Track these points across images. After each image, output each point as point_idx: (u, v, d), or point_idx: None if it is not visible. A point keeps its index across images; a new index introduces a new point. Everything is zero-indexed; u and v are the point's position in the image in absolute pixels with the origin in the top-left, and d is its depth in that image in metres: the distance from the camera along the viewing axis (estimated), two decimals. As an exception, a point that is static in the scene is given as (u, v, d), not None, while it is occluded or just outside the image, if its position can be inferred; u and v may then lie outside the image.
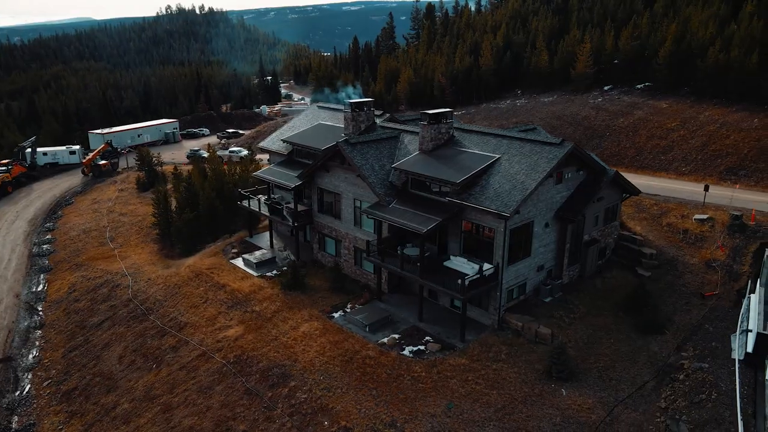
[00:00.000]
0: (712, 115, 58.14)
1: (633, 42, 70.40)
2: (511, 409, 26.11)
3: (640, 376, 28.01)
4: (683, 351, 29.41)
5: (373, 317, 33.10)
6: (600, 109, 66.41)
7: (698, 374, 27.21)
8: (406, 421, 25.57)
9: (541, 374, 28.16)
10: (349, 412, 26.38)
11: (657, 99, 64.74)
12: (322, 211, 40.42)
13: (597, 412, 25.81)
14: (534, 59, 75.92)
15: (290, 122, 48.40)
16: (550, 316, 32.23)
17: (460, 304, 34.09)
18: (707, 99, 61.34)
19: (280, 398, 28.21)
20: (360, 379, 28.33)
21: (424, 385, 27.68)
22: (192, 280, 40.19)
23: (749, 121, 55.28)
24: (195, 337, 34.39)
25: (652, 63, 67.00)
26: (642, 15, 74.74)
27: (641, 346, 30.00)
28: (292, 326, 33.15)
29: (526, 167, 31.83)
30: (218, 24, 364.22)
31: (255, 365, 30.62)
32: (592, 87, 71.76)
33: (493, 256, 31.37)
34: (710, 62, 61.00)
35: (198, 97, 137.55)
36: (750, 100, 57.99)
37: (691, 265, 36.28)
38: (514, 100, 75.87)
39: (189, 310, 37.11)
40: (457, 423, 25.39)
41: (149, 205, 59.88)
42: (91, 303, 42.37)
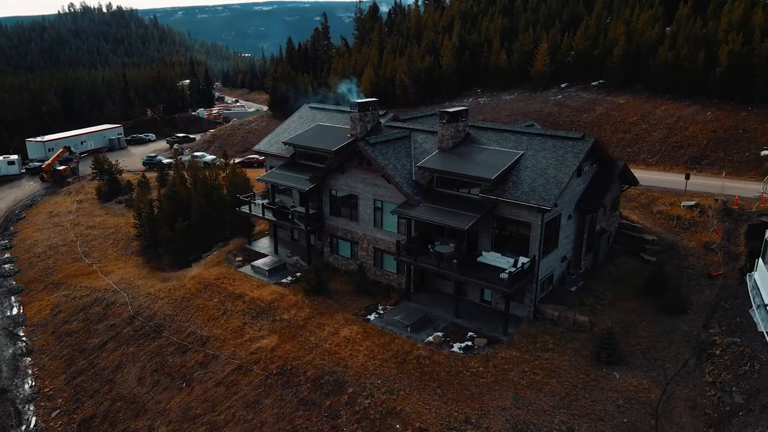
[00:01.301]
0: (668, 110, 62.54)
1: (585, 42, 74.23)
2: (575, 395, 26.97)
3: (680, 354, 29.82)
4: (710, 328, 31.60)
5: (412, 317, 33.00)
6: (562, 105, 69.55)
7: (733, 348, 29.37)
8: (480, 416, 25.78)
9: (590, 360, 29.27)
10: (419, 413, 26.21)
11: (614, 95, 68.72)
12: (335, 214, 39.70)
13: (653, 392, 27.22)
14: (493, 58, 78.23)
15: (284, 124, 47.09)
16: (581, 305, 33.52)
17: (490, 298, 34.96)
18: (660, 94, 65.87)
19: (340, 406, 27.52)
20: (420, 379, 28.21)
21: (485, 379, 28.00)
22: (201, 292, 38.22)
23: (703, 114, 59.98)
24: (224, 350, 32.77)
25: (606, 61, 70.93)
26: (590, 16, 78.88)
27: (671, 326, 31.89)
28: (331, 332, 32.39)
29: (554, 162, 32.92)
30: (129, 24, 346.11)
31: (302, 375, 29.66)
32: (550, 85, 74.97)
33: (529, 249, 32.20)
34: (661, 60, 65.52)
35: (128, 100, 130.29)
36: (699, 95, 62.86)
37: (690, 248, 38.93)
38: (476, 98, 77.84)
39: (207, 323, 35.28)
40: (528, 414, 25.92)
41: (119, 216, 56.46)
42: (85, 324, 39.24)
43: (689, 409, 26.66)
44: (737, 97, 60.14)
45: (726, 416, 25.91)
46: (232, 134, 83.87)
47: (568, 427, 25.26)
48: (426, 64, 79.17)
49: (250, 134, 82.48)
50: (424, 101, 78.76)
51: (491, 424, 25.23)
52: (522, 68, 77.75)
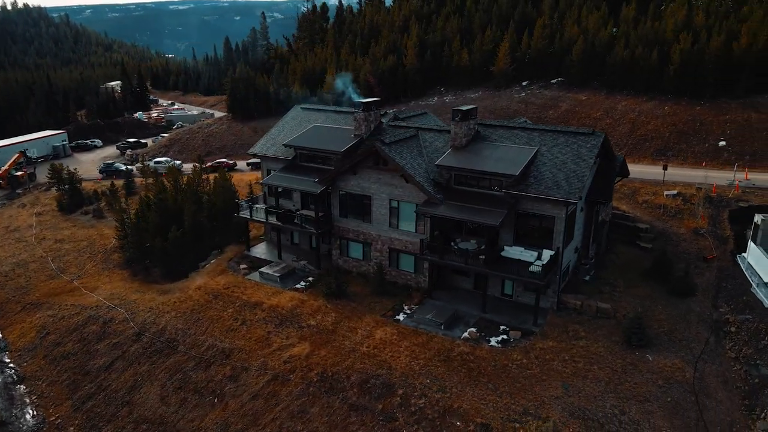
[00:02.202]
0: (628, 105, 66.18)
1: (542, 41, 77.12)
2: (618, 379, 28.10)
3: (700, 333, 31.76)
4: (720, 308, 33.86)
5: (443, 315, 33.16)
6: (527, 102, 71.94)
7: (747, 325, 31.63)
8: (537, 407, 26.34)
9: (621, 345, 30.56)
10: (477, 409, 26.43)
11: (575, 92, 71.84)
12: (346, 215, 39.14)
13: (687, 371, 28.83)
14: (455, 58, 79.65)
15: (277, 125, 45.82)
16: (599, 293, 34.93)
17: (511, 292, 35.73)
18: (618, 91, 69.57)
19: (393, 408, 27.26)
20: (469, 375, 28.43)
21: (531, 371, 28.62)
22: (212, 303, 36.60)
23: (661, 108, 63.94)
24: (253, 362, 31.56)
25: (564, 60, 74.02)
26: (541, 18, 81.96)
27: (685, 308, 33.87)
28: (365, 335, 31.97)
29: (571, 157, 34.10)
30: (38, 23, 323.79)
31: (346, 380, 29.11)
32: (512, 83, 77.31)
33: (553, 242, 33.18)
34: (618, 59, 69.21)
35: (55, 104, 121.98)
36: (655, 91, 66.95)
37: (681, 234, 41.49)
38: (441, 97, 78.98)
39: (227, 334, 33.84)
40: (581, 400, 26.75)
41: (89, 228, 53.11)
42: (83, 344, 36.57)
43: (722, 384, 28.50)
44: (690, 93, 64.56)
45: (757, 388, 27.91)
46: (191, 138, 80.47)
47: (620, 410, 26.30)
48: (389, 63, 79.43)
49: (212, 138, 79.50)
50: (389, 101, 78.92)
51: (550, 414, 25.83)
52: (484, 67, 79.70)
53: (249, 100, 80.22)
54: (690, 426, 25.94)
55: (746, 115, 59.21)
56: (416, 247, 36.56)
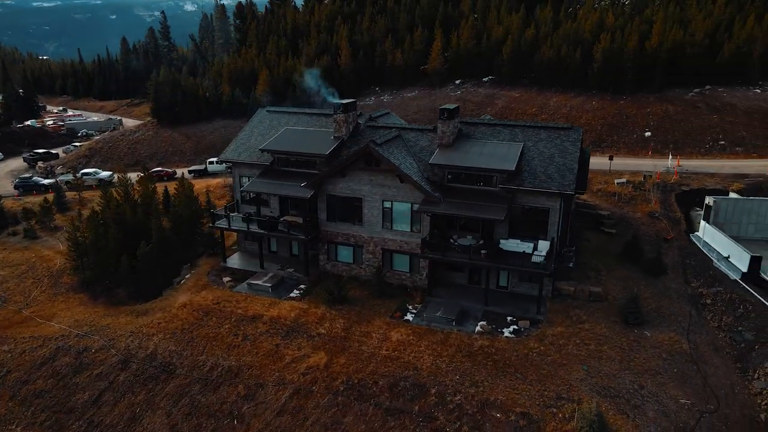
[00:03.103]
0: (559, 101, 70.47)
1: (471, 41, 79.98)
2: (628, 357, 30.09)
3: (683, 307, 34.76)
4: (691, 283, 37.23)
5: (451, 311, 33.61)
6: (465, 100, 74.22)
7: (720, 296, 35.07)
8: (567, 391, 27.55)
9: (620, 324, 32.73)
10: (513, 399, 27.17)
11: (507, 90, 75.28)
12: (334, 219, 38.37)
13: (683, 343, 31.49)
14: (389, 57, 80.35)
15: (245, 130, 43.82)
16: (587, 278, 37.09)
17: (506, 283, 36.96)
18: (547, 88, 73.85)
19: (431, 407, 27.30)
20: (495, 367, 29.11)
21: (551, 357, 29.86)
22: (203, 320, 34.43)
23: (589, 103, 68.78)
24: (267, 377, 30.14)
25: (495, 59, 77.26)
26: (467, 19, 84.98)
27: (662, 285, 36.88)
28: (380, 338, 31.65)
29: (557, 151, 35.88)
30: None
31: (374, 385, 28.69)
32: (446, 81, 79.42)
33: (548, 233, 34.78)
34: (545, 58, 73.44)
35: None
36: (580, 87, 71.87)
37: (638, 219, 45.03)
38: (378, 96, 79.32)
39: (230, 351, 32.02)
40: (603, 380, 28.37)
41: (22, 250, 47.93)
42: (57, 380, 32.90)
43: (714, 351, 31.44)
44: (612, 88, 70.01)
45: (745, 351, 31.10)
46: (115, 147, 74.45)
47: (639, 385, 28.21)
48: (324, 63, 78.52)
49: (139, 145, 74.03)
50: (325, 101, 77.97)
51: (582, 396, 27.13)
52: (417, 66, 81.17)
53: (176, 104, 75.75)
54: (699, 392, 28.39)
55: (664, 107, 65.28)
56: (411, 246, 36.73)
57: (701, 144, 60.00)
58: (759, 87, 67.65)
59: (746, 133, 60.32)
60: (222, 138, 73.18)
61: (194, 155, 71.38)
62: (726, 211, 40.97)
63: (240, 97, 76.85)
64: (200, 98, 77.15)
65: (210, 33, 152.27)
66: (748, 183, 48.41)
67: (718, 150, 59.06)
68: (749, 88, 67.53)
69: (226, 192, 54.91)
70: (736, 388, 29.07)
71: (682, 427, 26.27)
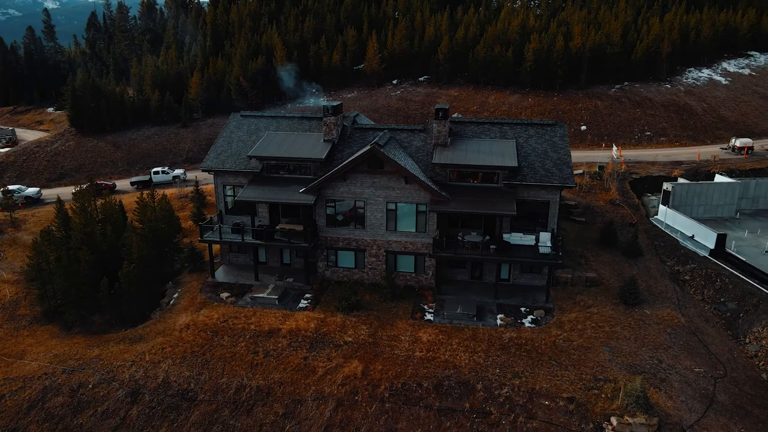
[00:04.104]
0: (497, 98, 73.70)
1: (404, 42, 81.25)
2: (638, 334, 32.45)
3: (667, 285, 37.98)
4: (667, 262, 40.76)
5: (470, 307, 34.22)
6: (405, 100, 75.33)
7: (696, 272, 38.75)
8: (602, 372, 29.19)
9: (621, 305, 35.15)
10: (557, 386, 28.31)
11: (445, 88, 77.40)
12: (334, 225, 37.52)
13: (678, 318, 34.48)
14: (325, 58, 79.34)
15: (222, 137, 41.36)
16: (578, 265, 39.33)
17: (507, 276, 38.28)
18: (483, 86, 76.95)
19: (481, 403, 27.73)
20: (531, 357, 30.13)
21: (576, 342, 31.43)
22: (214, 340, 32.30)
23: (525, 100, 72.61)
24: (304, 392, 28.95)
25: (431, 58, 79.03)
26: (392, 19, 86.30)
27: (643, 266, 40.05)
28: (410, 340, 31.54)
29: (549, 146, 37.70)
30: None
31: (419, 388, 28.58)
32: (383, 82, 79.97)
33: (548, 224, 36.51)
34: (480, 57, 76.42)
35: None
36: (514, 85, 75.74)
37: (602, 206, 48.46)
38: (317, 98, 78.01)
39: (254, 370, 30.34)
40: (628, 358, 30.37)
41: (-41, 281, 41.95)
42: (54, 422, 29.27)
43: (705, 322, 34.74)
44: (543, 85, 74.55)
45: (731, 320, 34.67)
46: (30, 160, 66.64)
47: (657, 359, 30.56)
48: (259, 64, 75.89)
49: (59, 158, 66.81)
50: (263, 104, 75.65)
51: (616, 375, 28.87)
52: (353, 67, 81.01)
53: (100, 111, 69.49)
54: (706, 360, 31.29)
55: (593, 103, 70.58)
56: (417, 247, 36.90)
57: (630, 135, 65.61)
58: (668, 82, 75.19)
59: (666, 125, 66.85)
60: (157, 146, 68.51)
61: (128, 166, 66.04)
62: (680, 195, 45.30)
63: (170, 102, 72.17)
64: (126, 104, 71.46)
65: (105, 33, 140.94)
66: (685, 169, 53.80)
67: (646, 140, 64.96)
68: (660, 83, 74.85)
69: (186, 203, 51.55)
70: (735, 353, 32.39)
71: (704, 393, 28.83)
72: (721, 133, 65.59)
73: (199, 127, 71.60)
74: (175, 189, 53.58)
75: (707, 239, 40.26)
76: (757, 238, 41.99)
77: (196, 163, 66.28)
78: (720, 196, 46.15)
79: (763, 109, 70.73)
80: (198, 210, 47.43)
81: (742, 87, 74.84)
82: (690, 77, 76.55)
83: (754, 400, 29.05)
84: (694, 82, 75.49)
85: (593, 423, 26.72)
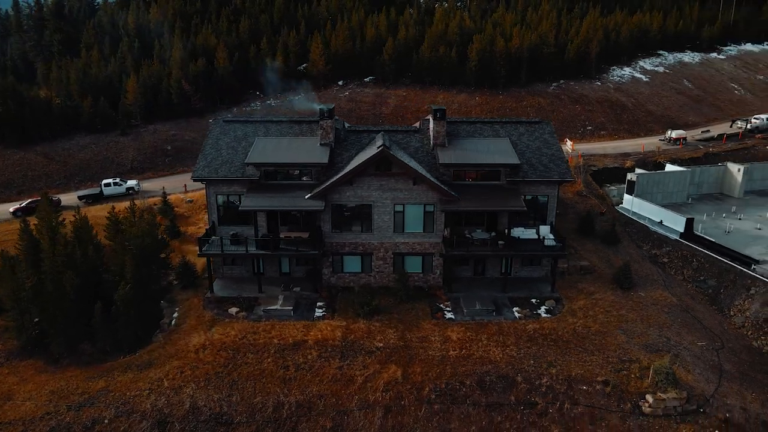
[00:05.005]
0: (446, 97, 75.32)
1: (347, 42, 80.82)
2: (642, 315, 34.81)
3: (650, 268, 40.93)
4: (643, 246, 43.90)
5: (486, 303, 35.02)
6: (355, 101, 75.02)
7: (672, 254, 42.09)
8: (624, 353, 31.05)
9: (618, 290, 37.49)
10: (590, 372, 29.75)
11: (393, 89, 77.89)
12: (340, 229, 36.81)
13: (669, 298, 37.34)
14: (269, 59, 76.95)
15: (208, 144, 39.08)
16: (569, 254, 41.30)
17: (508, 269, 39.53)
18: (429, 86, 78.28)
19: (526, 394, 28.55)
20: (558, 345, 31.40)
21: (593, 327, 33.14)
22: (237, 359, 30.63)
23: (473, 99, 74.88)
24: (347, 403, 28.27)
25: (376, 59, 79.13)
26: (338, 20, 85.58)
27: (624, 252, 42.85)
28: (441, 340, 31.75)
29: (541, 143, 39.34)
30: None
31: (462, 386, 28.91)
32: (329, 83, 79.01)
33: (547, 217, 38.16)
34: (425, 58, 77.71)
35: None
36: (460, 84, 77.74)
37: (571, 198, 51.15)
38: (263, 101, 75.45)
39: (286, 385, 29.15)
40: (641, 338, 32.51)
41: None
42: (72, 465, 26.55)
43: (692, 299, 37.89)
44: (488, 84, 77.20)
45: (714, 295, 38.07)
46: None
47: (666, 338, 33.00)
48: (200, 67, 72.20)
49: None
50: (207, 109, 72.12)
51: (638, 356, 30.83)
52: (297, 68, 79.40)
53: (25, 120, 62.82)
54: (704, 334, 34.19)
55: (537, 100, 74.22)
56: (425, 247, 37.15)
57: (574, 130, 69.74)
58: (598, 80, 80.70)
59: (604, 119, 71.77)
60: (96, 156, 63.35)
61: (65, 179, 60.32)
62: (642, 184, 48.93)
63: (105, 108, 66.76)
64: (54, 112, 65.17)
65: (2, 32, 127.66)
66: (635, 159, 58.12)
67: (588, 134, 69.35)
68: (591, 81, 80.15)
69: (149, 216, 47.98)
70: (724, 326, 35.64)
71: (713, 365, 31.54)
72: (651, 126, 71.48)
73: (141, 135, 66.95)
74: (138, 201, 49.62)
75: (676, 223, 43.84)
76: (714, 220, 46.34)
77: (145, 172, 62.13)
78: (674, 183, 50.40)
79: (681, 103, 77.95)
80: (172, 223, 44.54)
81: (660, 84, 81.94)
82: (615, 75, 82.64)
83: (753, 366, 32.17)
84: (620, 79, 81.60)
85: (630, 402, 28.41)
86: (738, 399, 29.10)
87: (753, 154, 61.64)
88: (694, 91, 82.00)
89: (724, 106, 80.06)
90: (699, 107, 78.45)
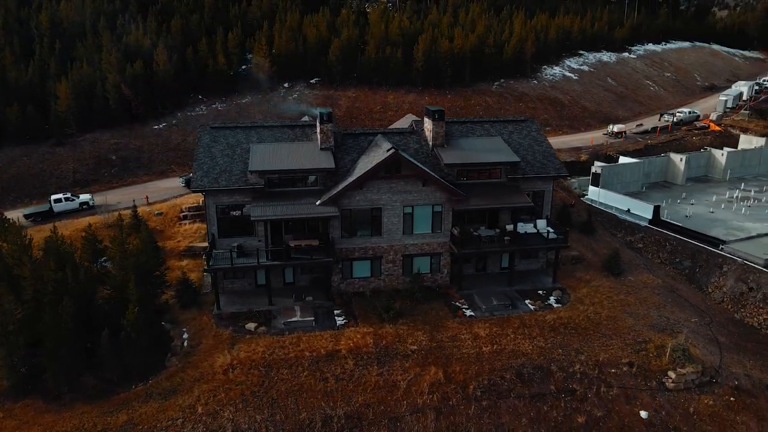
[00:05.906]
0: (395, 98, 75.95)
1: (290, 43, 79.09)
2: (639, 299, 37.37)
3: (630, 254, 43.91)
4: (617, 234, 46.97)
5: (503, 298, 36.05)
6: (306, 103, 73.49)
7: (646, 240, 45.43)
8: (638, 335, 33.23)
9: (610, 276, 39.96)
10: (614, 355, 31.58)
11: (341, 90, 77.20)
12: (349, 235, 36.19)
13: (655, 280, 40.32)
14: (211, 62, 73.36)
15: (202, 153, 36.80)
16: (558, 246, 43.35)
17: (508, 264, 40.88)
18: (377, 86, 78.41)
19: (564, 382, 29.77)
20: (577, 333, 32.99)
21: (602, 313, 35.12)
22: (270, 376, 29.31)
23: (422, 99, 76.01)
24: (397, 409, 28.01)
25: (323, 59, 78.04)
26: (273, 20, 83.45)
27: (602, 240, 45.64)
28: (470, 338, 32.25)
29: (531, 141, 40.96)
30: None
31: (503, 380, 29.63)
32: (275, 85, 76.79)
33: (543, 211, 39.85)
34: (371, 58, 77.80)
35: None
36: (407, 84, 78.62)
37: (539, 192, 53.52)
38: (208, 105, 71.53)
39: (331, 398, 28.38)
40: (646, 319, 34.96)
41: None
42: None
43: (673, 280, 41.16)
44: (434, 84, 78.76)
45: (690, 274, 41.58)
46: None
47: (665, 317, 35.69)
48: (138, 69, 67.44)
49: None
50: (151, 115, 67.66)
51: (651, 337, 33.11)
52: (239, 70, 76.58)
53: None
54: (693, 311, 37.35)
55: (483, 99, 76.82)
56: (433, 247, 37.51)
57: (522, 127, 72.77)
58: (534, 78, 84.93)
59: (547, 116, 75.71)
60: (31, 170, 57.58)
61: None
62: (605, 176, 52.31)
63: (34, 116, 60.64)
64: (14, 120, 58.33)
65: None
66: (587, 153, 61.90)
67: (535, 130, 72.62)
68: (528, 80, 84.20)
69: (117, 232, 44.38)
70: (707, 302, 39.09)
71: (710, 338, 34.58)
72: (588, 121, 76.41)
73: (79, 144, 61.49)
74: (100, 217, 45.63)
75: (644, 211, 47.33)
76: (671, 205, 50.51)
77: (90, 185, 57.23)
78: (630, 174, 54.34)
79: (610, 99, 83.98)
80: (150, 238, 41.47)
81: (588, 81, 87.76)
82: (548, 74, 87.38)
83: (742, 336, 35.62)
84: (553, 77, 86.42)
85: (654, 380, 30.50)
86: (740, 367, 32.13)
87: (683, 144, 67.81)
88: (618, 88, 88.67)
89: (644, 101, 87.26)
90: (624, 103, 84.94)
